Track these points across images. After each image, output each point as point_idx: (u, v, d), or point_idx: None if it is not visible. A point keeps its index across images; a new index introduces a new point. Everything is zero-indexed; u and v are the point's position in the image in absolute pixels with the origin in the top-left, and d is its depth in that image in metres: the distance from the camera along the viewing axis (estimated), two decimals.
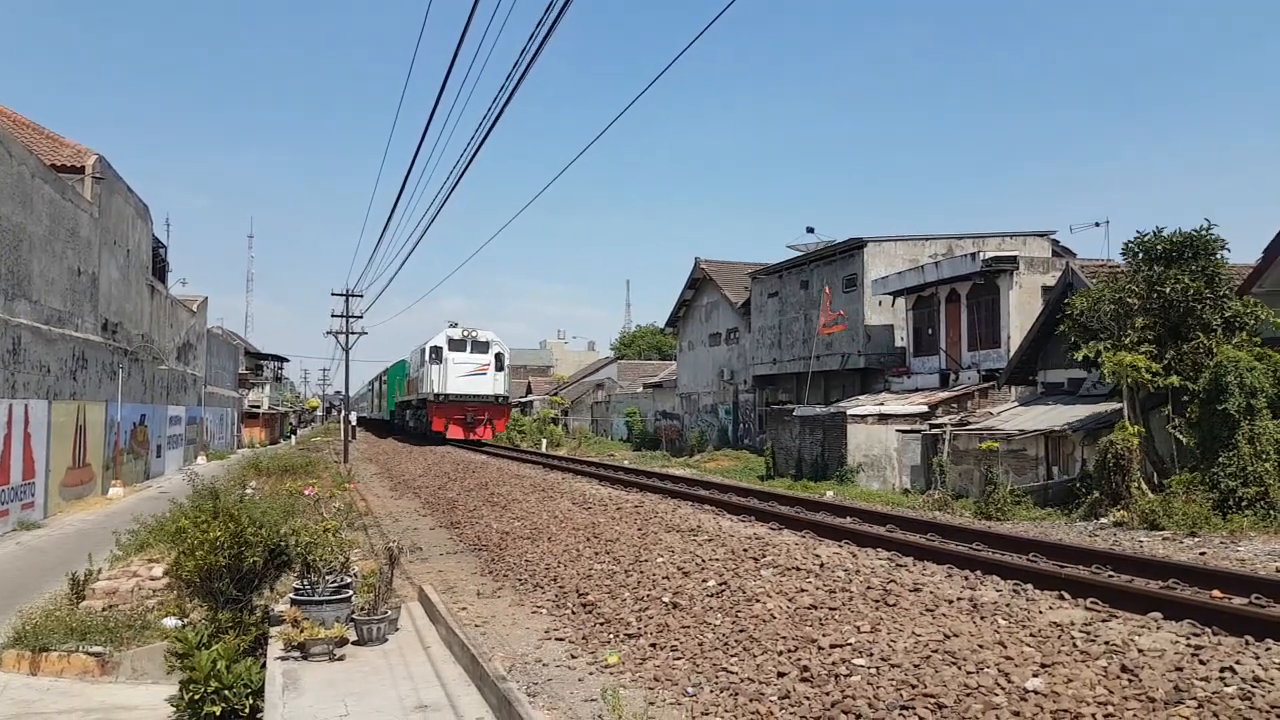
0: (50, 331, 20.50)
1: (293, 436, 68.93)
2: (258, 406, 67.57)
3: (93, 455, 24.04)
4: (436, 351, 38.90)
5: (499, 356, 40.02)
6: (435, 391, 38.22)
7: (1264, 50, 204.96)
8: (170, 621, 9.73)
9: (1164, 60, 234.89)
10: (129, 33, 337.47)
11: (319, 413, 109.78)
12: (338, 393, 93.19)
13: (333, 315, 42.08)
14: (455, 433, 38.09)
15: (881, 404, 28.13)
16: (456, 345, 39.05)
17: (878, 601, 7.61)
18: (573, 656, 7.87)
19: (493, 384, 39.30)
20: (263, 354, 79.46)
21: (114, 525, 14.82)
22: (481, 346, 39.56)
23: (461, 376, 38.32)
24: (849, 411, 27.01)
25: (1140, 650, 5.98)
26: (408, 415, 49.28)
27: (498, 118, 11.70)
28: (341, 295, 40.80)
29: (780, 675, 6.47)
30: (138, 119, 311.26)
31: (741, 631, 7.49)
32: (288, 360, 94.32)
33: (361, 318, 42.04)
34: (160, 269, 34.92)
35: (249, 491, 15.60)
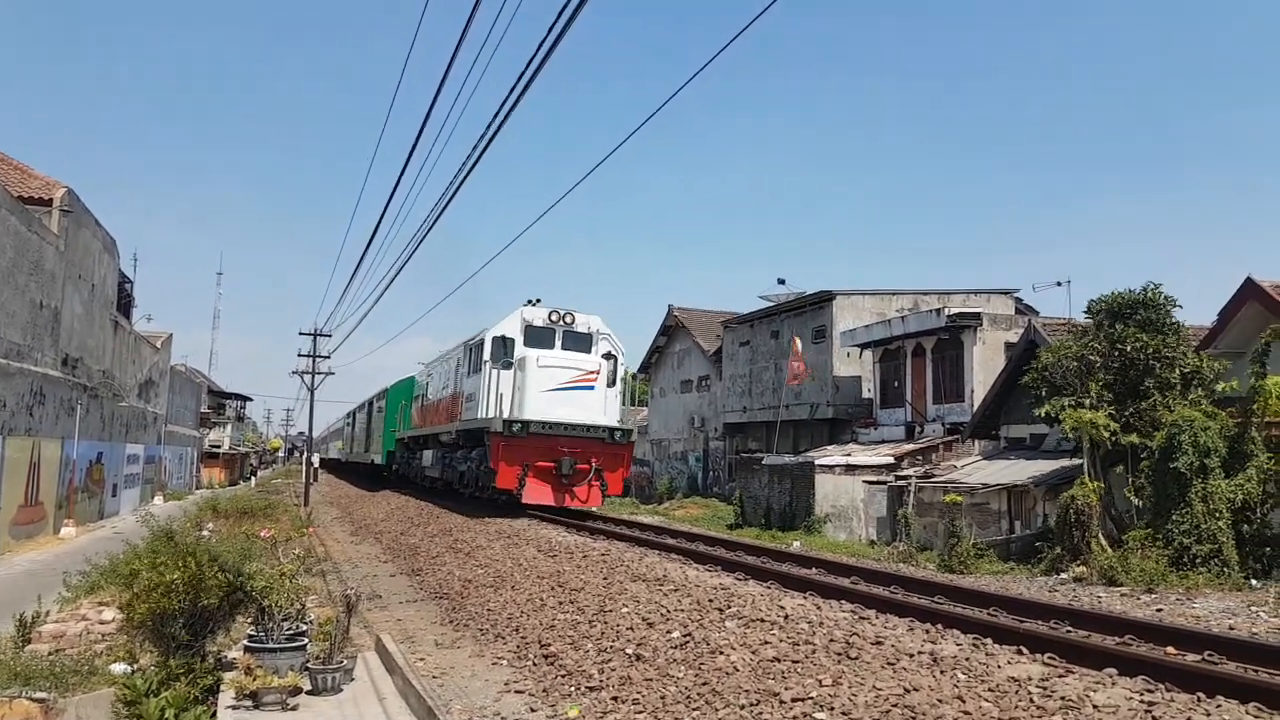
0: (8, 366, 20.17)
1: (253, 478, 67.91)
2: (218, 446, 66.69)
3: (46, 493, 23.56)
4: (503, 346, 21.95)
5: (611, 359, 22.91)
6: (505, 416, 20.81)
7: (1227, 116, 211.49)
8: (119, 667, 9.49)
9: (1126, 123, 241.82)
10: (99, 64, 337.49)
11: (281, 454, 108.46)
12: (300, 433, 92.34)
13: (299, 355, 41.57)
14: (538, 492, 20.82)
15: (849, 455, 28.28)
16: (539, 336, 22.36)
17: (840, 654, 7.60)
18: (532, 710, 7.77)
19: (603, 405, 21.91)
20: (226, 392, 78.53)
21: (65, 566, 14.49)
22: (581, 340, 22.86)
23: (549, 391, 21.20)
24: (817, 461, 27.11)
25: (1095, 706, 6.01)
26: (426, 459, 31.18)
27: (475, 162, 11.81)
28: (309, 335, 40.64)
29: None
30: (109, 152, 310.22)
31: (704, 684, 7.44)
32: (250, 399, 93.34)
33: (329, 358, 41.84)
34: (125, 304, 34.59)
35: (206, 534, 15.34)
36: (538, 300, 22.95)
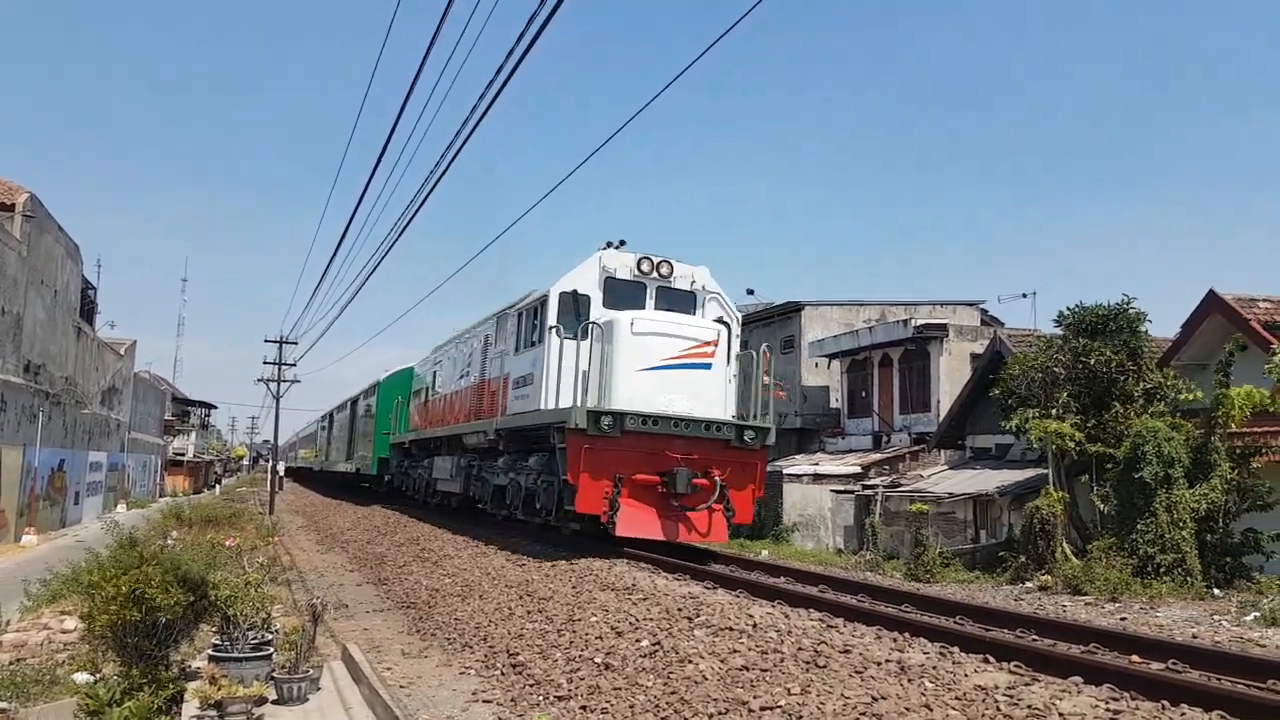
0: None
1: (217, 486, 67.17)
2: (182, 454, 65.94)
3: (6, 501, 23.16)
4: (575, 306, 15.91)
5: (723, 325, 16.15)
6: (590, 405, 14.31)
7: (1181, 134, 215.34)
8: (81, 677, 9.34)
9: (1082, 145, 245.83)
10: (59, 67, 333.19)
11: (246, 462, 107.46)
12: (266, 441, 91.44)
13: (265, 362, 41.15)
14: (638, 519, 14.35)
15: (816, 464, 28.42)
16: (623, 294, 16.12)
17: (808, 663, 7.63)
18: (500, 719, 7.74)
19: (723, 392, 15.54)
20: (190, 400, 77.62)
21: (26, 574, 14.26)
22: (683, 300, 16.61)
23: (650, 371, 14.80)
24: (785, 471, 27.21)
25: (1061, 714, 6.07)
26: (439, 470, 24.26)
27: (446, 167, 11.78)
28: (275, 342, 40.30)
29: None
30: (73, 157, 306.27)
31: (673, 693, 7.43)
32: (215, 407, 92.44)
33: (295, 365, 41.50)
34: (89, 310, 34.10)
35: (170, 542, 15.16)
36: (621, 242, 16.15)
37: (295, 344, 40.95)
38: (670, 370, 14.80)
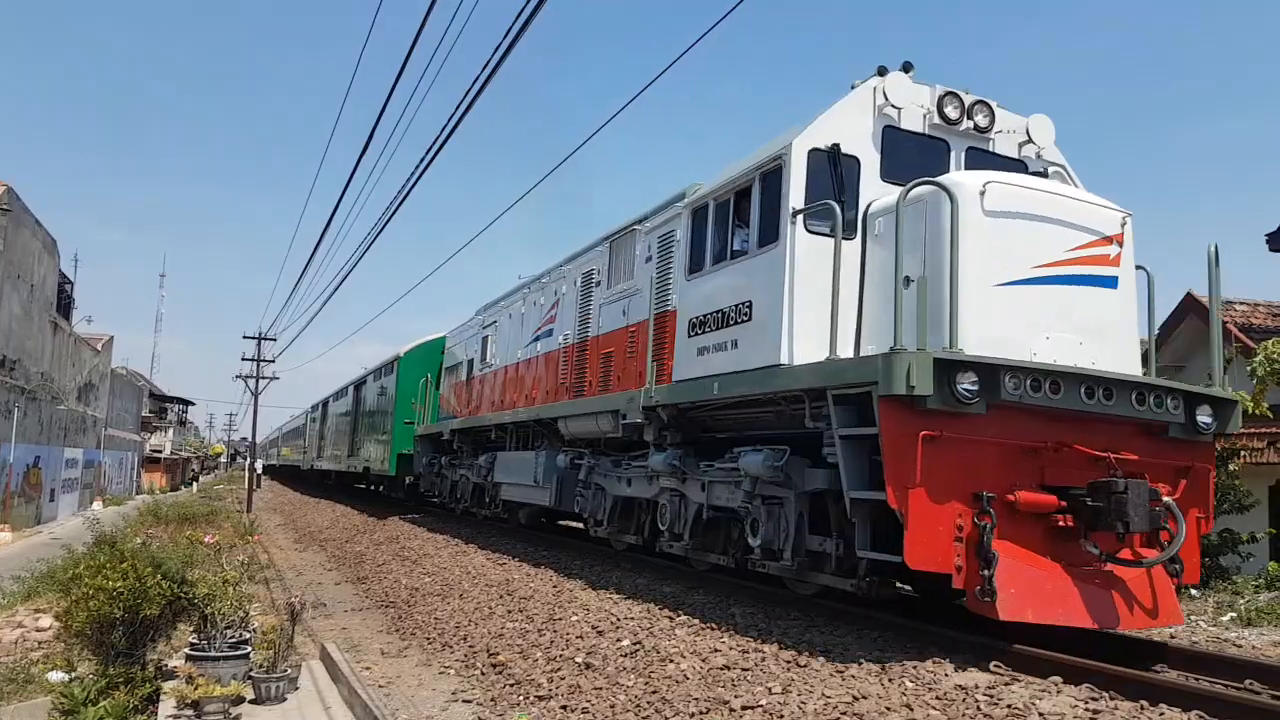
0: None
1: (194, 484, 66.78)
2: (160, 451, 65.56)
3: None
4: (832, 175, 8.64)
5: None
6: (937, 350, 7.06)
7: (1179, 134, 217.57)
8: (56, 675, 9.25)
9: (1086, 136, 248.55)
10: (47, 64, 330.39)
11: (223, 459, 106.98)
12: (244, 439, 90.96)
13: (243, 359, 40.90)
14: (1038, 585, 7.16)
15: None
16: (917, 153, 9.03)
17: (789, 662, 7.64)
18: (480, 719, 7.70)
19: (1132, 330, 8.54)
20: (168, 396, 77.07)
21: None
22: (1008, 170, 8.75)
23: (1013, 285, 7.58)
24: None
25: (1041, 714, 6.10)
26: (507, 471, 17.64)
27: (429, 164, 11.74)
28: (253, 338, 40.08)
29: None
30: (53, 151, 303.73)
31: (654, 693, 7.43)
32: (193, 404, 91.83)
33: (274, 361, 41.30)
34: (66, 305, 33.80)
35: (146, 539, 15.04)
36: (906, 66, 9.51)
37: (274, 340, 40.83)
38: (1055, 286, 7.99)
